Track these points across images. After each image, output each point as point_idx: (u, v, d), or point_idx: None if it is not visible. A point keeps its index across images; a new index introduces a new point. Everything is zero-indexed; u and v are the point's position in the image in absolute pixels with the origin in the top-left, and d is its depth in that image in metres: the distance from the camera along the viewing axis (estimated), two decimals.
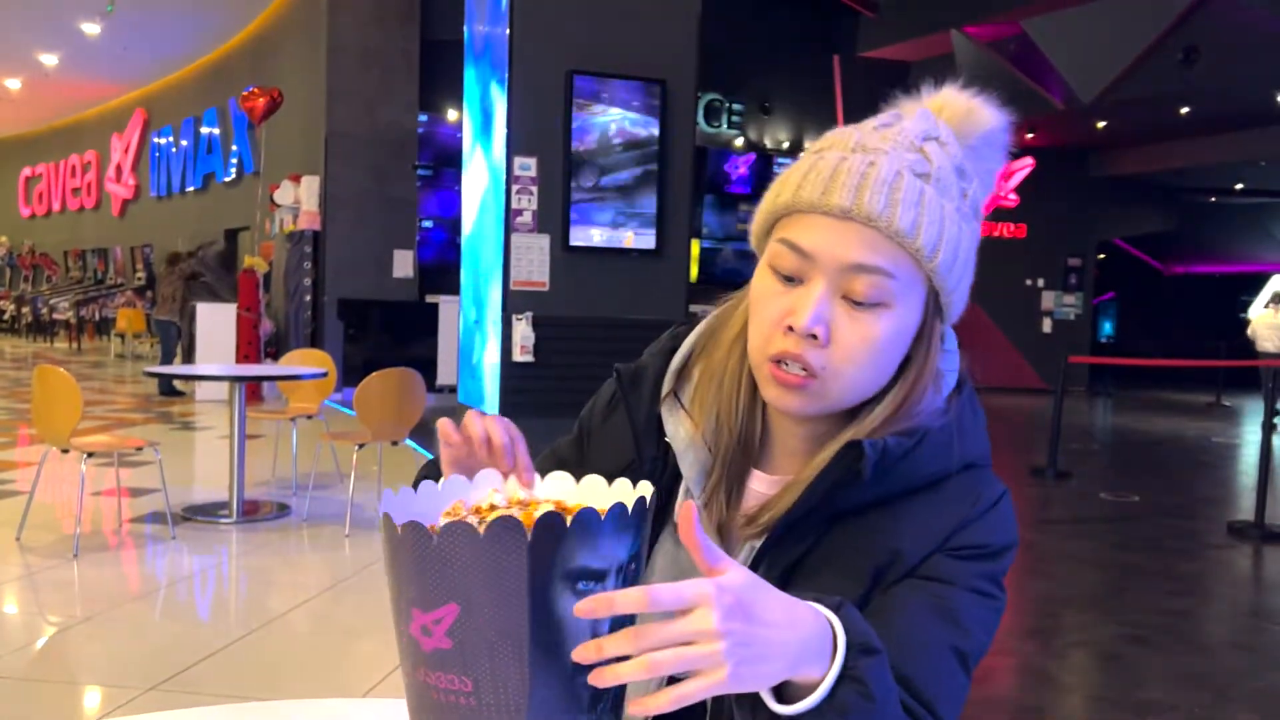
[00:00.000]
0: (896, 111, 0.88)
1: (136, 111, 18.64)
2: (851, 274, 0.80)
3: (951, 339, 0.90)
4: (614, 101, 5.72)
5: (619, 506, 0.66)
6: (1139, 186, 15.76)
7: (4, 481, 5.76)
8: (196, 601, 3.93)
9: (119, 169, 19.33)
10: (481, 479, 0.77)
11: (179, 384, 10.13)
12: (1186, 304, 19.40)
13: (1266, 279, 17.64)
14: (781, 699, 0.68)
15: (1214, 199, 17.46)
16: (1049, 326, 15.26)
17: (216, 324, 9.55)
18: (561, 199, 5.62)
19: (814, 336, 0.80)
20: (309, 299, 10.71)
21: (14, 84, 18.11)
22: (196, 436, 7.91)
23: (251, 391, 9.30)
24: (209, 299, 9.96)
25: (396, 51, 10.93)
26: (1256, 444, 7.47)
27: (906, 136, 0.84)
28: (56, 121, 21.82)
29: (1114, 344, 19.55)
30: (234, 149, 14.45)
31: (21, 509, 4.60)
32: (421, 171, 11.01)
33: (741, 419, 0.90)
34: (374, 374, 4.80)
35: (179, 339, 10.38)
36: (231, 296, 9.88)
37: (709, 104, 12.93)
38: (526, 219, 5.58)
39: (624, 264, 5.80)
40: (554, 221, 5.63)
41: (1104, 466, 8.62)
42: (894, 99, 0.91)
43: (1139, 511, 6.30)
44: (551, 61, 5.61)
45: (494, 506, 0.72)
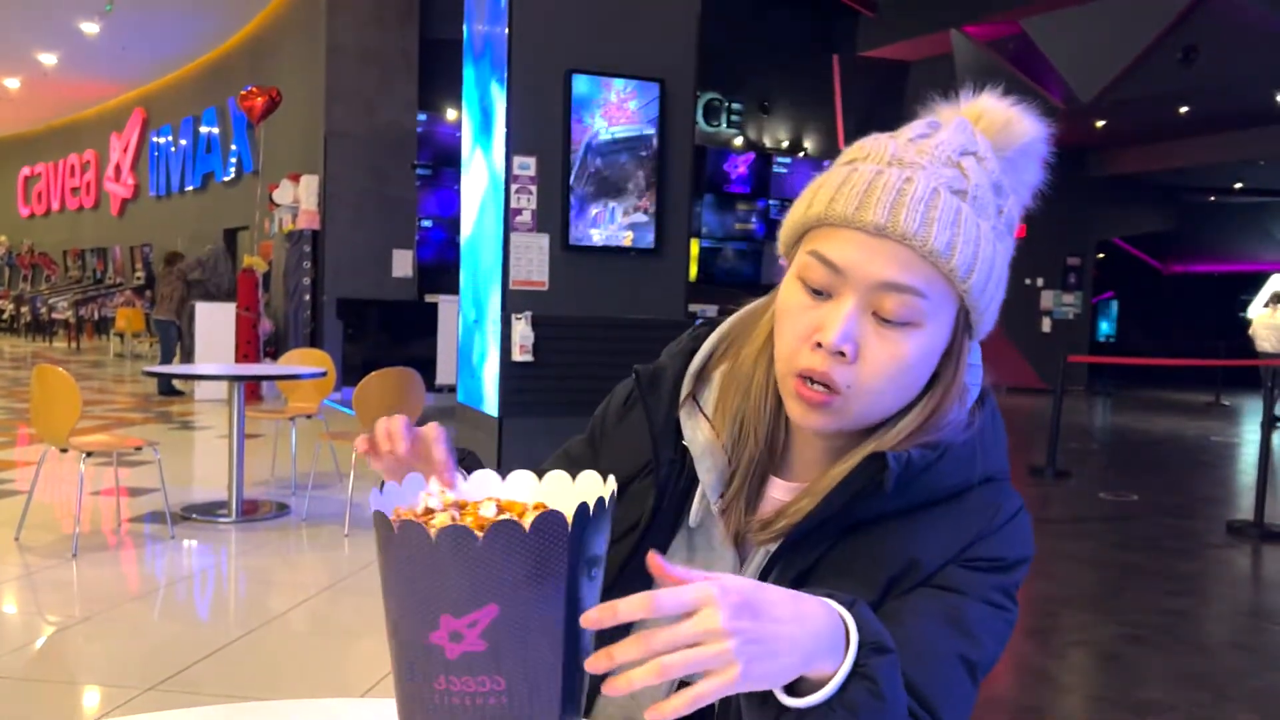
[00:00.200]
0: (933, 119, 0.86)
1: (135, 111, 18.63)
2: (883, 292, 0.79)
3: (976, 352, 0.89)
4: (613, 100, 5.72)
5: (601, 499, 0.68)
6: (1138, 186, 15.76)
7: (3, 481, 5.76)
8: (195, 601, 3.93)
9: (118, 168, 19.32)
10: (410, 484, 0.75)
11: (178, 383, 10.13)
12: (1185, 303, 19.40)
13: (1266, 278, 17.64)
14: (793, 693, 0.67)
15: (1213, 198, 17.46)
16: (1048, 326, 15.27)
17: (216, 323, 9.55)
18: (561, 198, 5.62)
19: (841, 354, 0.79)
20: (308, 298, 10.71)
21: (13, 83, 18.10)
22: (196, 436, 7.91)
23: (251, 391, 9.30)
24: (208, 299, 9.96)
25: (395, 51, 10.92)
26: (1256, 443, 7.48)
27: (944, 150, 0.82)
28: (55, 121, 21.80)
29: (1113, 343, 19.55)
30: (233, 148, 14.45)
31: (20, 508, 4.60)
32: (420, 171, 11.01)
33: (768, 428, 0.90)
34: (373, 373, 4.80)
35: (179, 339, 10.38)
36: (231, 290, 9.90)
37: (708, 103, 12.93)
38: (526, 218, 5.58)
39: (623, 263, 5.80)
40: (553, 221, 5.63)
41: (1103, 466, 8.62)
42: (933, 103, 0.89)
43: (1138, 511, 6.30)
44: (550, 60, 5.61)
45: (430, 510, 0.71)
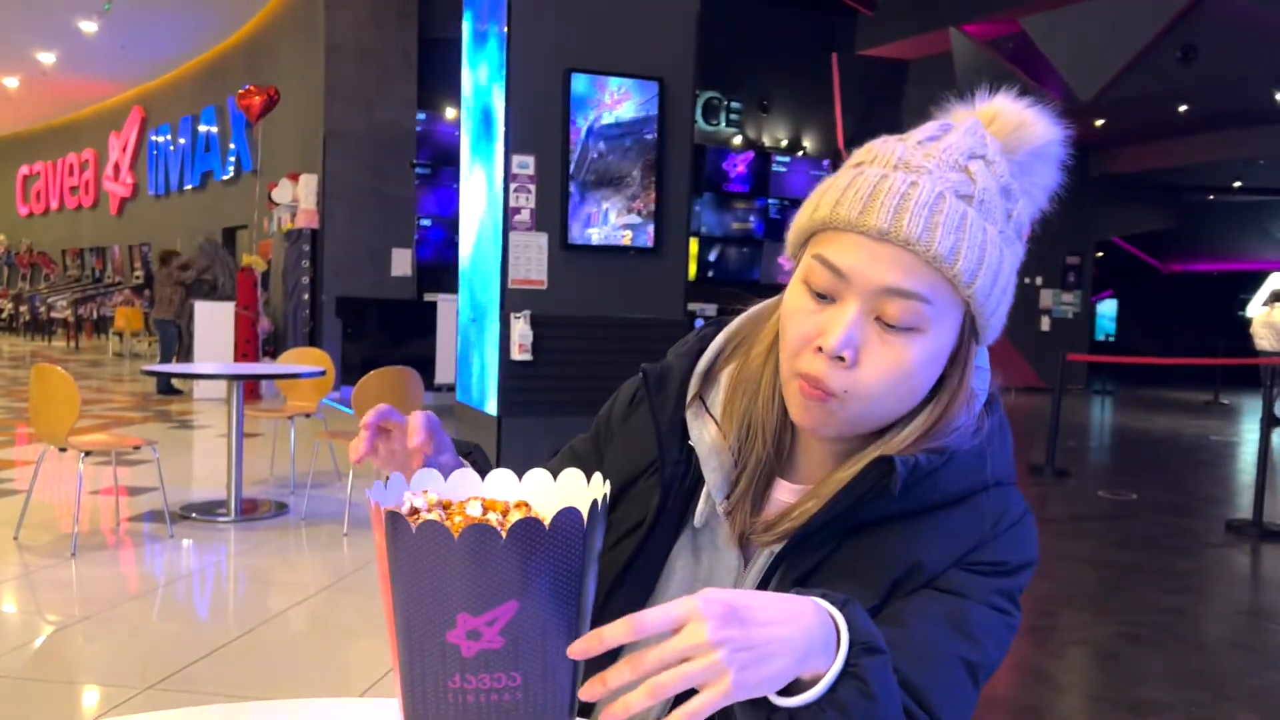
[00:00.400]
0: (946, 121, 0.86)
1: (134, 110, 18.62)
2: (885, 297, 0.79)
3: (984, 356, 0.89)
4: (612, 99, 5.72)
5: (605, 496, 0.70)
6: (1137, 185, 15.76)
7: (2, 480, 5.75)
8: (195, 600, 3.93)
9: (117, 167, 19.31)
10: (394, 484, 0.73)
11: (177, 382, 10.13)
12: (1185, 302, 19.42)
13: (1265, 277, 17.63)
14: (785, 693, 0.67)
15: (1212, 197, 17.46)
16: (1047, 325, 15.27)
17: (214, 322, 9.55)
18: (560, 197, 5.62)
19: (841, 358, 0.80)
20: (307, 297, 10.70)
21: (12, 82, 18.09)
22: (195, 435, 7.91)
23: (250, 390, 9.30)
24: (212, 294, 9.96)
25: (394, 50, 10.91)
26: (1255, 442, 7.48)
27: (951, 154, 0.81)
28: (54, 120, 21.78)
29: (1112, 342, 19.56)
30: (232, 147, 14.44)
31: (19, 508, 4.60)
32: (419, 170, 11.00)
33: (775, 430, 0.90)
34: (372, 372, 4.80)
35: (179, 339, 10.37)
36: (231, 282, 9.91)
37: (707, 102, 12.92)
38: (524, 217, 5.57)
39: (622, 262, 5.80)
40: (552, 220, 5.63)
41: (1102, 465, 8.62)
42: (947, 104, 0.89)
43: (1137, 510, 6.30)
44: (549, 59, 5.61)
45: (415, 510, 0.70)
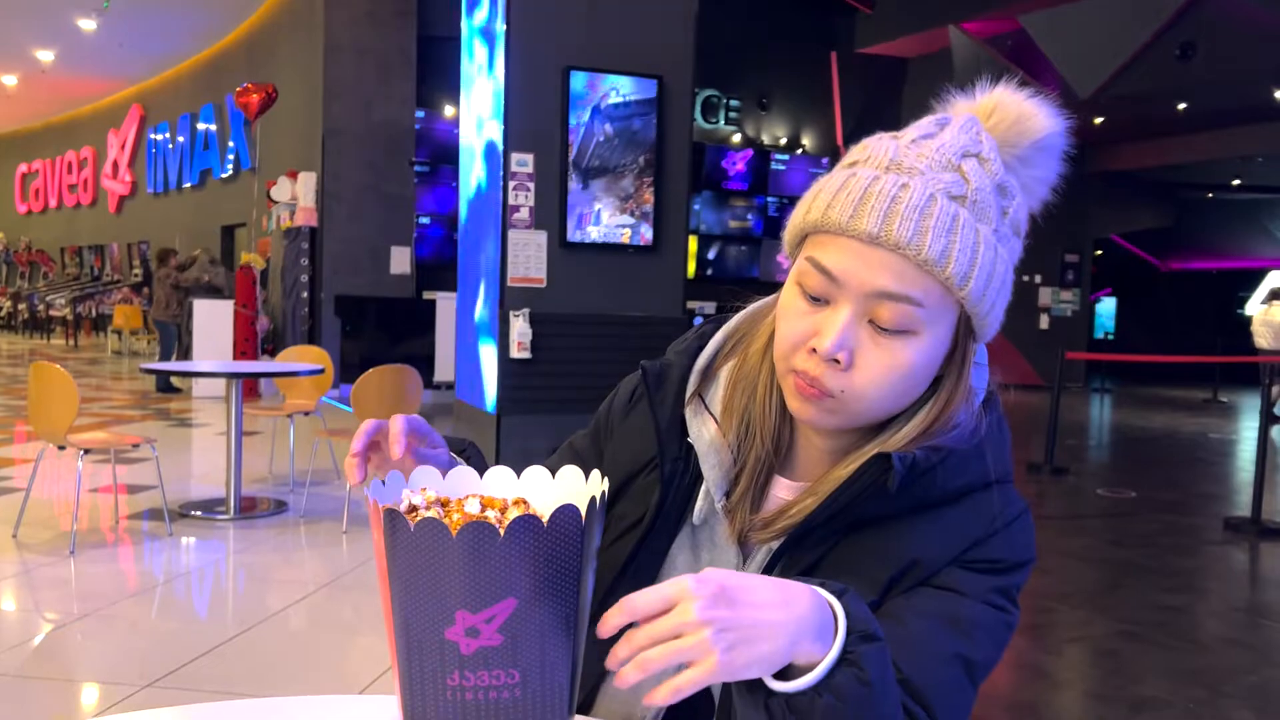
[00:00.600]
0: (944, 116, 0.85)
1: (133, 108, 18.61)
2: (878, 300, 0.79)
3: (982, 353, 0.89)
4: (611, 97, 5.72)
5: (603, 494, 0.71)
6: (1136, 182, 15.76)
7: (1, 478, 5.75)
8: (194, 598, 3.93)
9: (115, 165, 19.30)
10: (393, 481, 0.75)
11: (176, 380, 10.12)
12: (1183, 300, 19.41)
13: (1263, 275, 17.64)
14: (781, 679, 0.68)
15: (1211, 195, 17.46)
16: (1046, 323, 15.28)
17: (213, 320, 9.55)
18: (559, 195, 5.62)
19: (836, 361, 0.80)
20: (306, 295, 10.70)
21: (10, 80, 18.07)
22: (194, 433, 7.91)
23: (249, 388, 9.30)
24: (213, 292, 9.96)
25: (393, 48, 10.90)
26: (1253, 440, 7.49)
27: (945, 153, 0.81)
28: (53, 118, 21.77)
29: (1111, 340, 19.56)
30: (231, 145, 14.44)
31: (18, 506, 4.60)
32: (418, 168, 10.99)
33: (774, 428, 0.90)
34: (371, 370, 4.80)
35: (178, 339, 10.37)
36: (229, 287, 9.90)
37: (706, 100, 12.91)
38: (524, 215, 5.58)
39: (621, 260, 5.80)
40: (551, 218, 5.63)
41: (1100, 462, 8.63)
42: (948, 96, 0.88)
43: (1135, 507, 6.31)
44: (548, 57, 5.61)
45: (413, 507, 0.71)
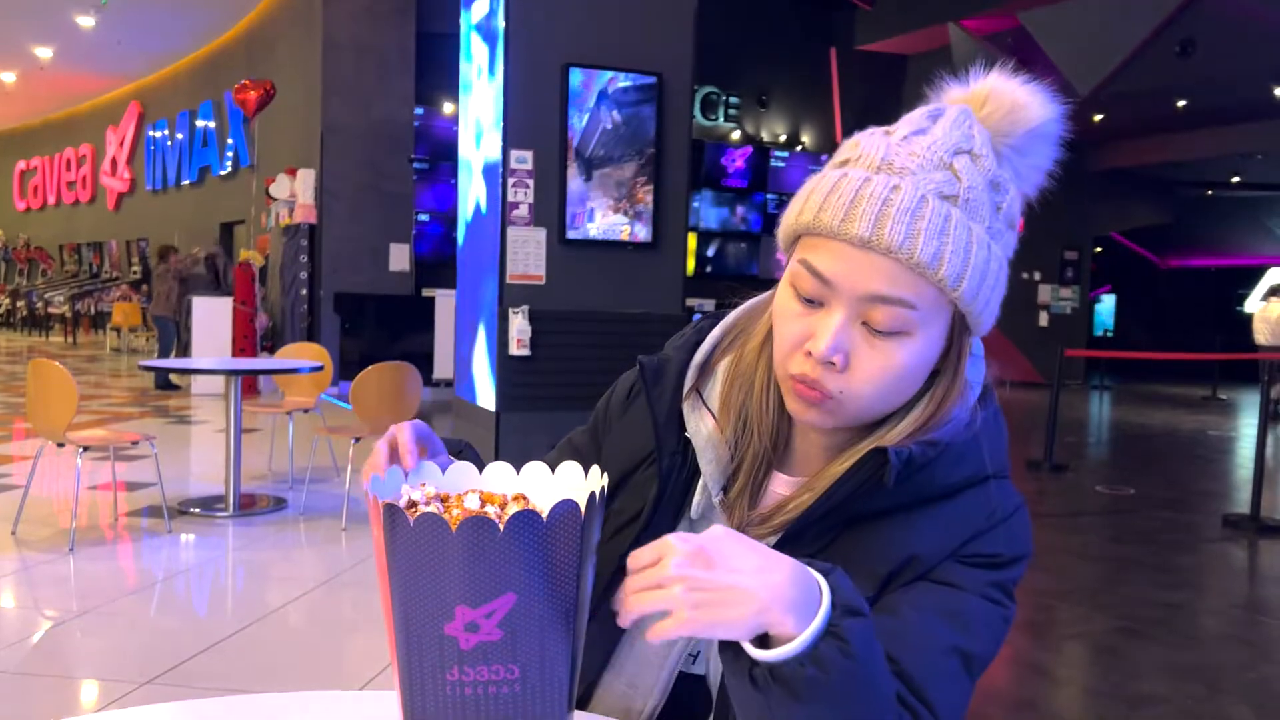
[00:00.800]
0: (936, 108, 0.84)
1: (131, 105, 18.59)
2: (871, 304, 0.79)
3: (978, 346, 0.89)
4: (610, 94, 5.71)
5: (603, 489, 0.74)
6: (1135, 180, 15.76)
7: (0, 475, 5.75)
8: (193, 595, 3.93)
9: (114, 162, 19.28)
10: (391, 477, 0.77)
11: (175, 378, 10.12)
12: (1183, 297, 19.42)
13: (1263, 272, 17.66)
14: (769, 646, 0.68)
15: (1211, 192, 17.47)
16: (1045, 320, 15.28)
17: (212, 317, 9.54)
18: (558, 192, 5.62)
19: (832, 363, 0.80)
20: (305, 293, 10.69)
21: (8, 77, 18.05)
22: (193, 430, 7.91)
23: (248, 385, 9.30)
24: (214, 287, 9.97)
25: (392, 45, 10.89)
26: (1252, 437, 7.50)
27: (936, 151, 0.80)
28: (51, 115, 21.74)
29: (1111, 337, 19.57)
30: (229, 142, 14.42)
31: (17, 503, 4.60)
32: (417, 165, 10.99)
33: (771, 424, 0.90)
34: (370, 368, 4.80)
35: (177, 335, 10.37)
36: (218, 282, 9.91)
37: (706, 97, 12.91)
38: (523, 212, 5.57)
39: (621, 257, 5.80)
40: (550, 215, 5.63)
41: (1100, 460, 8.63)
42: (942, 84, 0.87)
43: (1134, 504, 6.31)
44: (547, 54, 5.60)
45: (413, 503, 0.72)
